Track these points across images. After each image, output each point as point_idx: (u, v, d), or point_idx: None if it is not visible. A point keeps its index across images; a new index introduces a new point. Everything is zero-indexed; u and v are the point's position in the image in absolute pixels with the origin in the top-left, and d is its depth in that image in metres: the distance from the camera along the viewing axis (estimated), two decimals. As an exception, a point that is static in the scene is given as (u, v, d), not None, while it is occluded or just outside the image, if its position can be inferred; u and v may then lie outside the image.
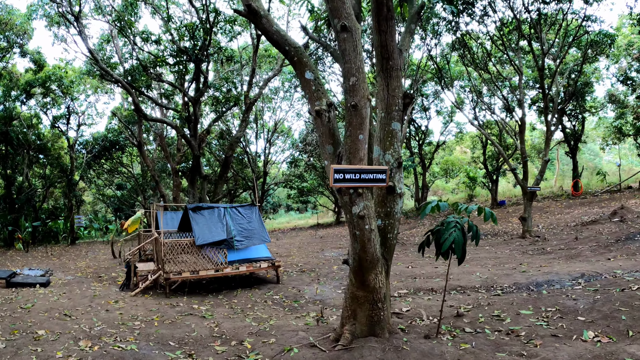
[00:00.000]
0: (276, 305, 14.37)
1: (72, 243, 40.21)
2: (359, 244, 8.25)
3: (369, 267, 8.53)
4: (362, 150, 8.11)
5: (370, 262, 8.45)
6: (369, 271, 8.56)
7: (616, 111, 40.62)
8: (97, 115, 54.23)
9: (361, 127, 8.06)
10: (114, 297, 15.49)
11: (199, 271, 16.20)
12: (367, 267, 8.51)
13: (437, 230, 8.50)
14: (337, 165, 7.76)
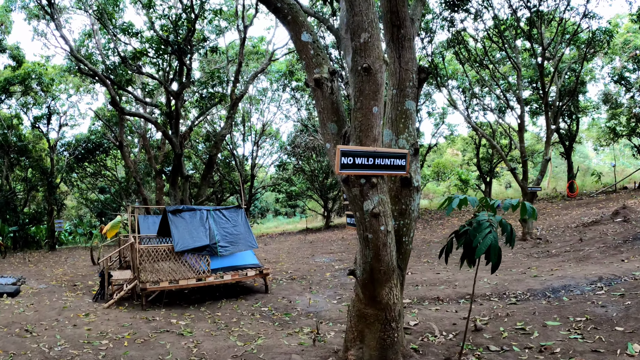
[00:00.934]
0: (265, 318, 12.63)
1: (52, 249, 38.23)
2: (371, 250, 6.56)
3: (383, 280, 6.83)
4: (376, 127, 6.39)
5: (385, 273, 6.76)
6: (383, 284, 6.86)
7: (609, 112, 39.92)
8: (80, 116, 52.54)
9: (375, 97, 6.29)
10: (85, 309, 13.78)
11: (179, 280, 14.36)
12: (380, 279, 6.81)
13: (463, 232, 6.77)
14: (345, 147, 6.07)
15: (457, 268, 17.28)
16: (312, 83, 6.85)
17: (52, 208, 39.88)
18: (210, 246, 15.14)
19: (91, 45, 30.54)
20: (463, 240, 6.73)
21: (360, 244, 6.84)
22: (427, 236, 29.45)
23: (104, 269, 16.22)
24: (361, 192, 6.33)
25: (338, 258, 24.13)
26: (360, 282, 7.06)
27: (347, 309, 12.90)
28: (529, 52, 29.58)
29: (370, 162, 6.16)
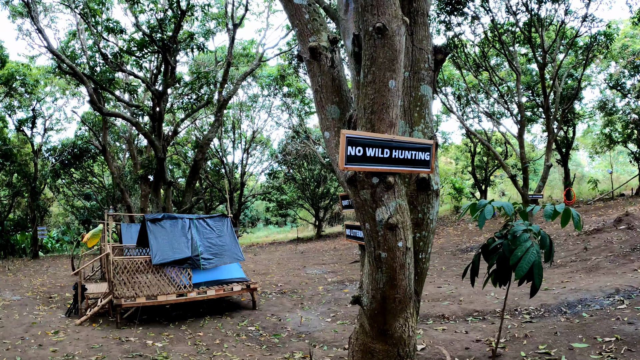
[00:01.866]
0: (251, 340, 11.19)
1: (35, 257, 36.55)
2: (384, 273, 5.07)
3: (398, 310, 5.36)
4: (393, 108, 4.84)
5: (401, 301, 5.28)
6: (397, 315, 5.39)
7: (604, 118, 39.26)
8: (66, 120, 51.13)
9: (392, 67, 4.76)
10: (55, 326, 12.30)
11: (157, 296, 12.85)
12: (394, 309, 5.33)
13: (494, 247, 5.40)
14: (352, 132, 4.57)
15: (459, 280, 16.33)
16: (307, 54, 5.46)
17: (35, 214, 38.24)
18: (192, 258, 13.68)
19: (77, 47, 29.11)
20: (496, 257, 5.34)
21: (368, 265, 5.34)
22: (422, 246, 28.06)
23: (78, 281, 14.66)
24: (373, 195, 4.81)
25: (331, 270, 22.85)
26: (368, 312, 5.57)
27: (343, 328, 11.56)
28: (526, 56, 28.80)
29: (386, 155, 4.71)
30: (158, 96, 24.47)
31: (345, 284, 18.17)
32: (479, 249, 5.77)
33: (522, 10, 23.48)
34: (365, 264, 5.44)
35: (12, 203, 42.52)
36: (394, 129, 4.84)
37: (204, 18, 27.51)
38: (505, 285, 5.59)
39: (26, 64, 34.43)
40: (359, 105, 4.90)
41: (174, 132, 28.68)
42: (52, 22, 29.66)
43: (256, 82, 38.61)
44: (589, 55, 25.84)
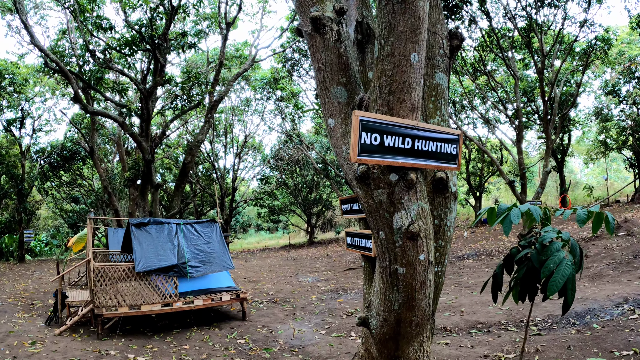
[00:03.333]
0: (240, 355, 10.36)
1: (21, 260, 35.81)
2: (401, 292, 4.23)
3: (413, 334, 4.52)
4: (415, 88, 4.03)
5: (418, 324, 4.44)
6: (412, 340, 4.57)
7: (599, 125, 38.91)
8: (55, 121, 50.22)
9: (414, 38, 3.97)
10: (33, 336, 11.45)
11: (141, 305, 11.99)
12: (409, 333, 4.49)
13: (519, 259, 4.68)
14: (368, 114, 3.77)
15: (459, 290, 15.87)
16: (308, 26, 4.67)
17: (22, 217, 37.39)
18: (179, 266, 12.85)
19: (67, 45, 28.26)
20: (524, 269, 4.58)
21: (381, 282, 4.48)
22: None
23: (58, 288, 13.77)
24: (391, 196, 3.96)
25: (324, 277, 22.14)
26: (378, 336, 4.69)
27: (338, 342, 10.78)
28: (522, 62, 28.33)
29: (408, 146, 3.92)
30: (146, 95, 23.43)
31: (339, 293, 17.42)
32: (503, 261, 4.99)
33: (520, 15, 23.03)
34: (376, 280, 4.59)
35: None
36: (416, 114, 4.05)
37: (196, 18, 26.75)
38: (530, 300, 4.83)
39: (14, 62, 33.60)
40: (373, 85, 4.07)
41: (162, 134, 27.74)
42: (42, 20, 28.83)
43: (249, 85, 37.88)
44: (588, 61, 25.34)
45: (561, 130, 34.24)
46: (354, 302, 15.35)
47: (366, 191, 4.11)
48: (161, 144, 30.67)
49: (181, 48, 24.01)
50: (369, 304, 4.79)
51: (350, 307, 14.67)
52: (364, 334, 5.08)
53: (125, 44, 21.35)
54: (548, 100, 23.84)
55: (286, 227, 58.94)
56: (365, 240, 5.99)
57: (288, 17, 26.74)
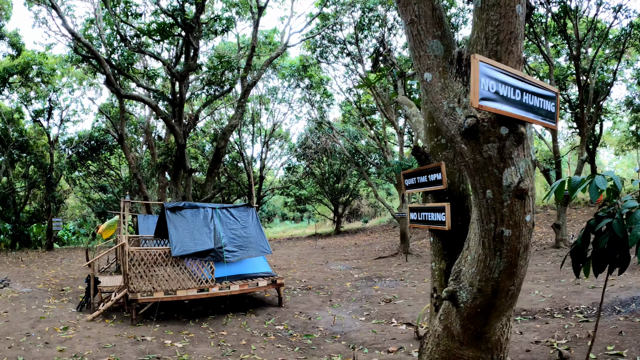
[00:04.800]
0: (281, 341, 9.94)
1: (49, 248, 35.67)
2: (503, 257, 3.87)
3: (506, 306, 4.21)
4: (520, 41, 3.78)
5: (513, 295, 4.14)
6: (502, 313, 4.26)
7: (631, 115, 37.97)
8: (83, 112, 50.20)
9: None
10: (65, 321, 11.08)
11: (177, 291, 11.61)
12: (502, 305, 4.15)
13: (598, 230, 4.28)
14: (486, 59, 3.42)
15: None
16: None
17: (51, 206, 37.35)
18: (215, 250, 12.43)
19: (94, 35, 27.93)
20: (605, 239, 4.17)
21: (479, 247, 4.09)
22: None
23: (91, 273, 13.41)
24: (501, 151, 3.60)
25: (355, 265, 21.67)
26: (466, 310, 4.32)
27: (381, 328, 10.29)
28: (555, 48, 27.56)
29: (517, 98, 3.57)
30: (179, 79, 22.98)
31: (373, 281, 16.97)
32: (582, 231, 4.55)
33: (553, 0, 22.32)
34: (470, 248, 4.15)
35: (28, 195, 41.95)
36: (520, 67, 3.74)
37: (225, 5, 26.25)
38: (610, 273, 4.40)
39: (42, 52, 33.42)
40: (477, 36, 3.75)
41: (195, 118, 27.19)
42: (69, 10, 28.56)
43: (276, 74, 37.37)
44: (623, 48, 24.55)
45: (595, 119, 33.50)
46: (391, 290, 14.93)
47: (474, 146, 3.74)
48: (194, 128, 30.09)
49: (214, 32, 23.57)
50: (457, 276, 4.33)
51: (387, 294, 14.26)
52: (443, 311, 4.63)
53: (157, 30, 20.90)
54: (583, 87, 23.13)
55: (310, 217, 58.59)
56: (436, 214, 5.64)
57: (317, 4, 26.21)
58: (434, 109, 3.96)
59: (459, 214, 5.57)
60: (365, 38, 26.59)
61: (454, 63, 3.95)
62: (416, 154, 6.25)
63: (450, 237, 5.48)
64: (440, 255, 5.74)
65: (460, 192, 5.72)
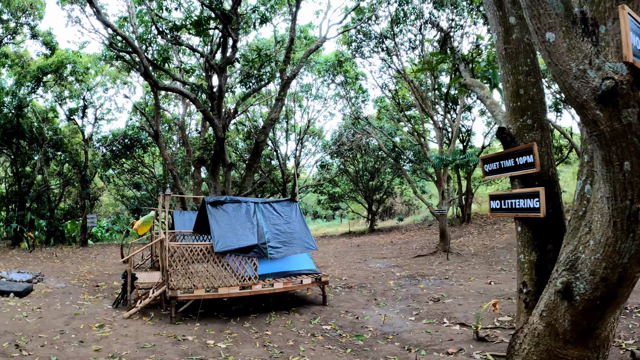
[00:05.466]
0: (330, 342, 9.31)
1: (84, 244, 35.45)
2: (636, 238, 3.38)
3: (625, 295, 3.81)
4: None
5: (634, 283, 3.73)
6: (620, 304, 3.84)
7: None
8: (117, 110, 50.17)
9: None
10: (100, 318, 10.59)
11: (218, 288, 11.05)
12: (623, 294, 3.75)
13: None
14: (631, 12, 3.05)
15: None
16: None
17: (85, 203, 37.29)
18: (259, 246, 11.79)
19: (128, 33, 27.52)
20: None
21: (608, 230, 3.55)
22: (486, 242, 26.24)
23: (127, 269, 12.90)
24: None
25: (395, 264, 21.03)
26: (582, 303, 3.83)
27: (434, 329, 9.65)
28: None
29: None
30: (219, 71, 22.25)
31: (417, 279, 16.32)
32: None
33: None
34: (593, 232, 3.60)
35: (62, 192, 41.99)
36: None
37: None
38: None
39: (76, 51, 33.30)
40: None
41: (234, 112, 26.48)
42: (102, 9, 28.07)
43: (310, 71, 36.77)
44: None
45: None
46: (437, 288, 14.27)
47: (611, 112, 3.21)
48: (235, 118, 29.35)
49: (252, 24, 22.99)
50: (571, 265, 3.71)
51: (434, 293, 13.60)
52: (546, 306, 4.06)
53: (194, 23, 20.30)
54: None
55: (343, 216, 57.93)
56: (527, 200, 5.20)
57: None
58: (560, 72, 3.38)
59: (549, 201, 5.12)
60: (401, 32, 25.88)
61: (578, 22, 3.41)
62: (501, 136, 5.82)
63: (542, 226, 4.91)
64: (529, 246, 5.31)
65: (550, 177, 5.22)
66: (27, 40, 32.22)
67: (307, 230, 13.18)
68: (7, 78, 34.34)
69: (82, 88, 35.84)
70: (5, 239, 37.30)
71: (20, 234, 32.81)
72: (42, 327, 9.48)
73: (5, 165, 41.64)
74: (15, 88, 32.67)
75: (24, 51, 33.59)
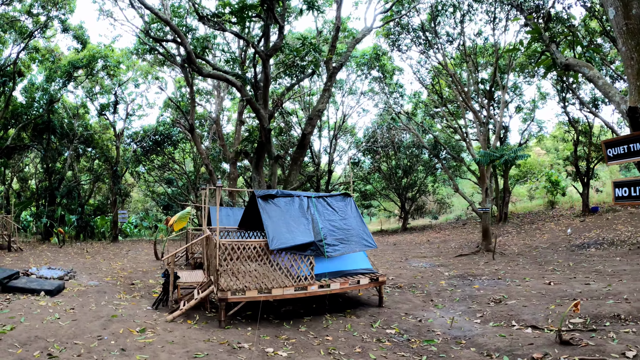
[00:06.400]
0: (400, 347, 8.50)
1: (114, 240, 35.06)
2: None
3: None
4: None
5: None
6: None
7: None
8: (148, 106, 49.71)
9: None
10: (140, 322, 9.69)
11: (272, 289, 10.14)
12: None
13: None
14: None
15: (601, 277, 13.83)
16: None
17: (117, 198, 36.97)
18: (316, 244, 10.81)
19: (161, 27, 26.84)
20: None
21: None
22: (527, 241, 25.37)
23: (169, 268, 12.02)
24: None
25: (439, 263, 20.20)
26: None
27: (506, 332, 8.98)
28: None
29: None
30: (265, 58, 21.18)
31: (468, 279, 15.42)
32: None
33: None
34: None
35: (92, 188, 41.77)
36: None
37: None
38: None
39: (108, 45, 32.85)
40: None
41: (279, 100, 25.41)
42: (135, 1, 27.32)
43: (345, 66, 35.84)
44: None
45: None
46: (493, 289, 13.38)
47: None
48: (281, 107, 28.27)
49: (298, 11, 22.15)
50: None
51: (492, 293, 12.71)
52: None
53: (237, 10, 19.38)
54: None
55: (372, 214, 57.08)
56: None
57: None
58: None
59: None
60: (438, 25, 24.97)
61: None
62: (633, 116, 4.97)
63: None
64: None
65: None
66: (58, 34, 31.72)
67: (365, 226, 12.19)
68: (38, 74, 34.11)
69: (113, 83, 35.47)
70: (35, 234, 37.20)
71: (50, 229, 32.34)
72: (77, 332, 8.62)
73: (36, 161, 41.43)
74: (46, 84, 32.25)
75: (54, 46, 33.23)
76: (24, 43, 29.29)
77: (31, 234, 37.76)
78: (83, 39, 31.60)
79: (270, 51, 21.06)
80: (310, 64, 24.15)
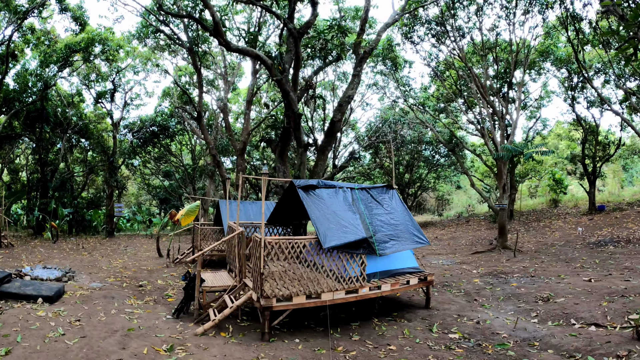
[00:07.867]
0: (475, 354, 7.71)
1: (110, 235, 33.63)
2: None
3: None
4: None
5: None
6: None
7: None
8: (146, 95, 48.29)
9: None
10: (165, 336, 8.27)
11: (321, 293, 8.98)
12: None
13: None
14: None
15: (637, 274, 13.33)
16: None
17: (112, 191, 35.69)
18: (368, 241, 9.62)
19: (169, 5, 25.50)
20: None
21: None
22: (539, 239, 24.55)
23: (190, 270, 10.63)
24: None
25: (460, 260, 19.52)
26: None
27: (570, 330, 8.68)
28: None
29: None
30: (297, 36, 19.77)
31: (502, 277, 14.65)
32: None
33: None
34: None
35: (86, 180, 40.51)
36: None
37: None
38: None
39: (108, 27, 31.50)
40: None
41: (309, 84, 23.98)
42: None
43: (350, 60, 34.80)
44: None
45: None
46: (534, 287, 12.77)
47: None
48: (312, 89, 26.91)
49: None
50: None
51: (534, 291, 12.13)
52: None
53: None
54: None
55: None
56: None
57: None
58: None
59: None
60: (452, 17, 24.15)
61: None
62: None
63: None
64: None
65: None
66: (56, 15, 30.26)
67: (414, 221, 11.07)
68: (32, 59, 32.67)
69: (111, 70, 34.15)
70: (26, 228, 35.78)
71: (43, 223, 30.96)
72: (90, 354, 7.06)
73: (27, 152, 40.05)
74: (40, 69, 30.90)
75: (51, 28, 31.63)
76: (18, 24, 27.64)
77: (22, 228, 36.36)
78: (82, 20, 29.87)
79: (302, 28, 19.86)
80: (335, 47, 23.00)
